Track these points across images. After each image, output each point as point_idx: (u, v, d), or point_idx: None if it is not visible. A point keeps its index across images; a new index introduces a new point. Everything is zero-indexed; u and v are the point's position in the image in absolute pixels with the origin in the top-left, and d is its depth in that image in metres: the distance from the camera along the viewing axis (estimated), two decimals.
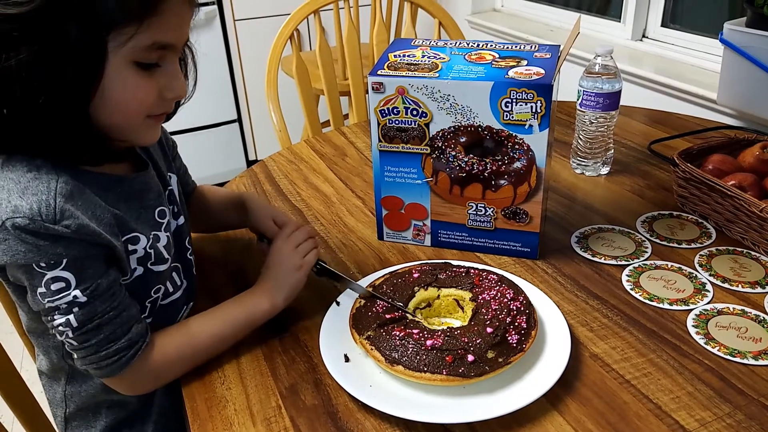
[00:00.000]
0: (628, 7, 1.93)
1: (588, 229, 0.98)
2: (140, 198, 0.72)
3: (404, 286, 0.79)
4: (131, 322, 0.68)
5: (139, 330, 0.68)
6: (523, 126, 0.83)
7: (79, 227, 0.61)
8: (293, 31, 1.57)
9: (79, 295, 0.63)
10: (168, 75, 0.65)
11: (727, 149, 1.07)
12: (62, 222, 0.60)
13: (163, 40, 0.62)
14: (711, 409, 0.66)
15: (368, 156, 1.28)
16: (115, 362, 0.66)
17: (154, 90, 0.65)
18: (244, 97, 2.72)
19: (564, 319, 0.76)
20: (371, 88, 0.86)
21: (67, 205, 0.61)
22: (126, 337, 0.67)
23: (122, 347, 0.66)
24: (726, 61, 1.37)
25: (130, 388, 0.72)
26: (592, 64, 1.09)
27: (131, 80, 0.62)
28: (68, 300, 0.63)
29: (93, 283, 0.64)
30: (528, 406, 0.66)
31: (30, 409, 0.87)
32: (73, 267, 0.63)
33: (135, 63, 0.62)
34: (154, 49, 0.62)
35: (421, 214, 0.94)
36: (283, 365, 0.74)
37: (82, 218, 0.62)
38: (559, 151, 1.24)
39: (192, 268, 0.84)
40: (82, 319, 0.64)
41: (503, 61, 0.86)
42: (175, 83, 0.66)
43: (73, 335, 0.65)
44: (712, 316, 0.79)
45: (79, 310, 0.64)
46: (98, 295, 0.64)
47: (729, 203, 0.93)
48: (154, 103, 0.66)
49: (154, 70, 0.64)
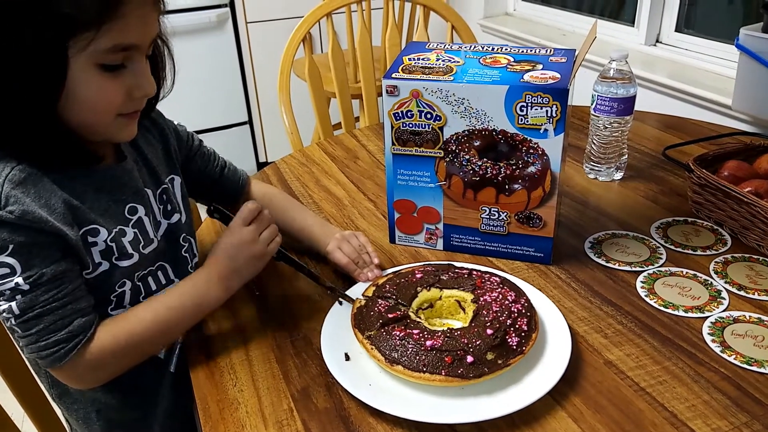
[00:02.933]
0: (642, 11, 1.92)
1: (602, 235, 0.98)
2: (111, 191, 0.72)
3: (407, 286, 0.79)
4: (75, 315, 0.67)
5: (81, 323, 0.67)
6: (538, 130, 0.82)
7: (24, 213, 0.62)
8: (306, 33, 1.57)
9: (21, 282, 0.63)
10: (135, 74, 0.66)
11: (743, 155, 1.06)
12: (6, 207, 0.62)
13: (125, 42, 0.63)
14: (727, 419, 0.65)
15: (380, 159, 1.28)
16: (53, 353, 0.66)
17: (121, 90, 0.66)
18: (255, 99, 2.73)
19: (566, 322, 0.76)
20: (385, 91, 0.86)
21: (15, 191, 0.62)
22: (66, 330, 0.66)
23: (61, 339, 0.66)
24: (741, 67, 1.36)
25: (74, 381, 0.71)
26: (607, 68, 1.08)
27: (97, 82, 0.64)
28: (10, 287, 0.63)
29: (37, 272, 0.64)
30: (542, 413, 0.66)
31: (40, 406, 0.87)
32: (18, 254, 0.63)
33: (99, 65, 0.63)
34: (116, 51, 0.63)
35: (433, 217, 0.94)
36: (295, 368, 0.74)
37: (29, 205, 0.63)
38: (572, 155, 1.24)
39: (188, 265, 0.83)
40: (23, 307, 0.64)
41: (518, 65, 0.86)
42: (143, 82, 0.67)
43: (15, 323, 0.65)
44: (728, 324, 0.78)
45: (21, 297, 0.64)
46: (40, 284, 0.64)
47: (745, 210, 0.92)
48: (122, 103, 0.67)
49: (120, 71, 0.65)
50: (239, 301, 0.85)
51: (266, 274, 0.84)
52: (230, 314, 0.83)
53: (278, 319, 0.82)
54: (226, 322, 0.82)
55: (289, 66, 1.56)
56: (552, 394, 0.67)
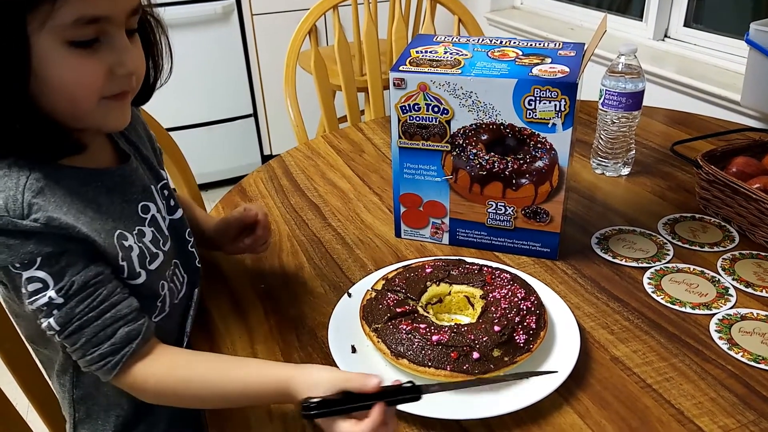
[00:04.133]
0: (651, 5, 1.91)
1: (608, 230, 0.97)
2: (122, 191, 0.68)
3: (417, 280, 0.79)
4: (117, 323, 0.62)
5: (125, 333, 0.62)
6: (546, 124, 0.81)
7: (49, 220, 0.58)
8: (312, 26, 1.57)
9: (55, 296, 0.60)
10: (115, 50, 0.59)
11: (752, 152, 1.05)
12: (30, 216, 0.58)
13: (89, 13, 0.56)
14: (735, 416, 0.65)
15: (386, 152, 1.27)
16: (102, 367, 0.62)
17: (99, 69, 0.59)
18: (260, 92, 2.72)
19: (576, 321, 0.75)
20: (392, 84, 0.85)
21: (36, 199, 0.58)
22: (109, 342, 0.62)
23: (106, 353, 0.62)
24: (751, 62, 1.35)
25: (138, 394, 0.66)
26: (615, 63, 1.08)
27: (69, 62, 0.57)
28: (45, 302, 0.60)
29: (68, 280, 0.60)
30: (548, 409, 0.65)
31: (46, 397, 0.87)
32: (47, 265, 0.59)
33: (68, 43, 0.57)
34: (82, 25, 0.56)
35: (439, 212, 0.93)
36: (300, 361, 0.74)
37: (54, 212, 0.59)
38: (579, 150, 1.23)
39: (195, 260, 0.80)
40: (62, 322, 0.61)
41: (527, 59, 0.85)
42: (126, 57, 0.60)
43: (60, 338, 0.62)
44: (736, 321, 0.78)
45: (57, 312, 0.60)
46: (72, 295, 0.60)
47: (753, 206, 0.91)
48: (103, 84, 0.60)
49: (96, 47, 0.58)
50: (244, 295, 0.85)
51: (270, 268, 0.84)
52: (235, 308, 0.83)
53: (283, 312, 0.82)
54: (231, 315, 0.82)
55: (294, 59, 1.56)
56: (558, 390, 0.67)
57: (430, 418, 0.64)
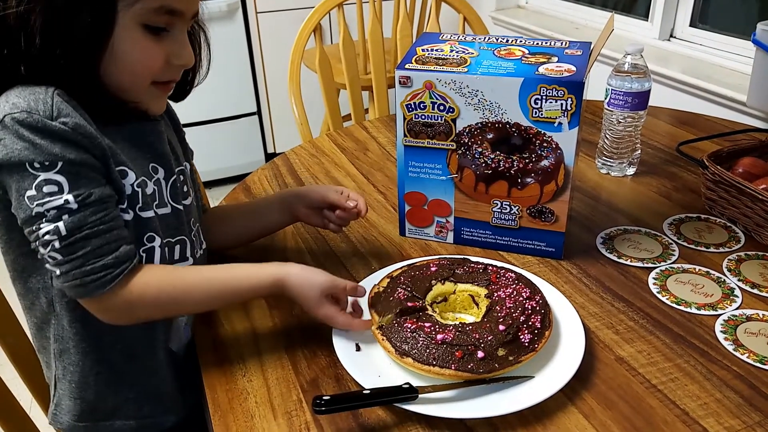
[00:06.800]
0: (656, 5, 1.90)
1: (613, 230, 0.97)
2: (138, 146, 0.72)
3: (422, 278, 0.79)
4: (121, 241, 0.65)
5: (127, 251, 0.66)
6: (552, 123, 0.81)
7: (77, 126, 0.62)
8: (317, 24, 1.57)
9: (71, 200, 0.62)
10: (176, 42, 0.68)
11: (758, 152, 1.05)
12: (59, 118, 0.61)
13: (171, 5, 0.65)
14: (740, 417, 0.64)
15: (390, 151, 1.27)
16: (99, 279, 0.64)
17: (161, 54, 0.67)
18: (264, 90, 2.72)
19: (581, 321, 0.75)
20: (398, 82, 0.85)
21: (63, 105, 0.62)
22: (113, 255, 0.64)
23: (108, 264, 0.64)
24: (757, 63, 1.34)
25: (105, 313, 0.68)
26: (622, 62, 1.07)
27: (140, 42, 0.65)
28: (58, 204, 0.62)
29: (86, 191, 0.63)
30: (552, 409, 0.65)
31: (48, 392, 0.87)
32: (67, 172, 0.62)
33: (144, 26, 0.65)
34: (162, 13, 0.65)
35: (444, 210, 0.93)
36: (304, 358, 0.74)
37: (80, 119, 0.63)
38: (584, 150, 1.22)
39: (197, 249, 0.81)
40: (71, 227, 0.62)
41: (533, 57, 0.85)
42: (183, 51, 0.69)
43: (59, 245, 0.62)
44: (741, 322, 0.78)
45: (69, 217, 0.62)
46: (89, 204, 0.63)
47: (759, 207, 0.91)
48: (160, 69, 0.68)
49: (163, 36, 0.67)
50: None
51: None
52: (239, 305, 0.83)
53: (288, 309, 0.82)
54: (235, 312, 0.82)
55: (299, 57, 1.56)
56: (563, 390, 0.66)
57: (434, 417, 0.64)
